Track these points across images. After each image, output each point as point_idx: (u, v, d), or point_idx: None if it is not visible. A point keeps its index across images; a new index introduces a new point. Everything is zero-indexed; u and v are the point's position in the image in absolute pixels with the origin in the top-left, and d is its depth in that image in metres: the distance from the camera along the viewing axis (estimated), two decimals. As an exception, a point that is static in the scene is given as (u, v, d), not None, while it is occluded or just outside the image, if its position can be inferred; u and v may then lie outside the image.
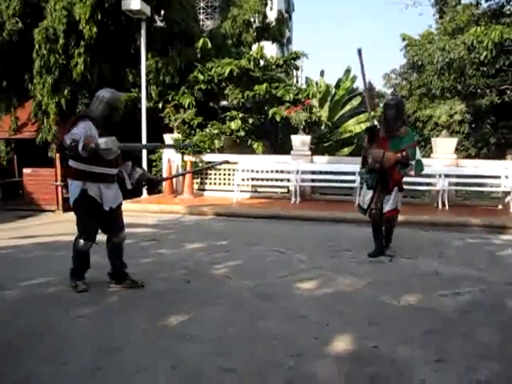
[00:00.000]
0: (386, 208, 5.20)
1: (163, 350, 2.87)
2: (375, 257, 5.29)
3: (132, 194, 6.82)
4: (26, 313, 3.48)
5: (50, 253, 5.42)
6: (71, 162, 3.84)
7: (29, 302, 3.74)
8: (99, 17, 9.86)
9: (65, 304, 3.65)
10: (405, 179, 5.46)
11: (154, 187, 4.08)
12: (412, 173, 5.23)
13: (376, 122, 5.59)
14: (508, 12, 13.98)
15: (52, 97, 10.12)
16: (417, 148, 5.18)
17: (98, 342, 2.97)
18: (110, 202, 3.90)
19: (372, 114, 6.02)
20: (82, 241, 3.88)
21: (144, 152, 10.70)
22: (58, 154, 10.78)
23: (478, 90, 15.69)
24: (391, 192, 5.18)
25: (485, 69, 14.44)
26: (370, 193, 5.30)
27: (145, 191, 10.51)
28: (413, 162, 5.08)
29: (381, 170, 5.11)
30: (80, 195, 3.79)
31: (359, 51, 5.13)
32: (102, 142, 3.54)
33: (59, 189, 10.59)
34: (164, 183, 10.50)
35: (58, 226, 7.41)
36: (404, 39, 15.95)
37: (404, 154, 4.98)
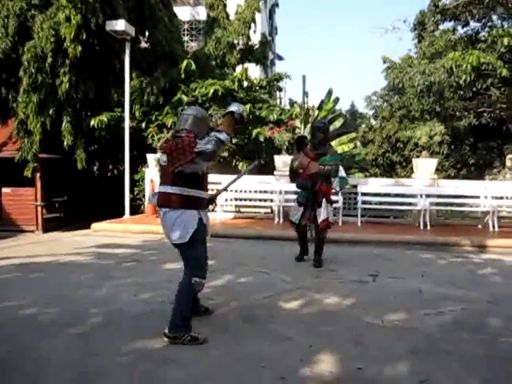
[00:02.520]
0: (319, 219, 5.64)
1: (144, 374, 2.79)
2: (299, 260, 6.03)
3: None
4: (2, 337, 3.36)
5: (28, 274, 5.28)
6: (178, 189, 3.28)
7: (5, 325, 3.61)
8: (84, 36, 9.90)
9: (43, 328, 3.53)
10: (386, 199, 5.71)
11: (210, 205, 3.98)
12: (337, 188, 6.07)
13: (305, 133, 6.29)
14: (483, 38, 14.46)
15: (37, 116, 10.04)
16: (340, 167, 5.88)
17: (77, 368, 2.87)
18: (209, 229, 3.62)
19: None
20: (197, 279, 3.39)
21: (127, 172, 10.63)
22: (38, 174, 10.67)
23: (457, 113, 16.13)
24: (321, 204, 5.62)
25: (462, 92, 14.88)
26: (301, 209, 5.78)
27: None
28: (334, 179, 5.78)
29: (312, 189, 5.62)
30: (199, 225, 3.36)
31: (303, 77, 6.23)
32: (234, 106, 3.30)
33: (39, 209, 10.44)
34: (147, 205, 10.45)
35: (36, 247, 7.21)
36: (385, 62, 16.34)
37: (326, 167, 5.55)
